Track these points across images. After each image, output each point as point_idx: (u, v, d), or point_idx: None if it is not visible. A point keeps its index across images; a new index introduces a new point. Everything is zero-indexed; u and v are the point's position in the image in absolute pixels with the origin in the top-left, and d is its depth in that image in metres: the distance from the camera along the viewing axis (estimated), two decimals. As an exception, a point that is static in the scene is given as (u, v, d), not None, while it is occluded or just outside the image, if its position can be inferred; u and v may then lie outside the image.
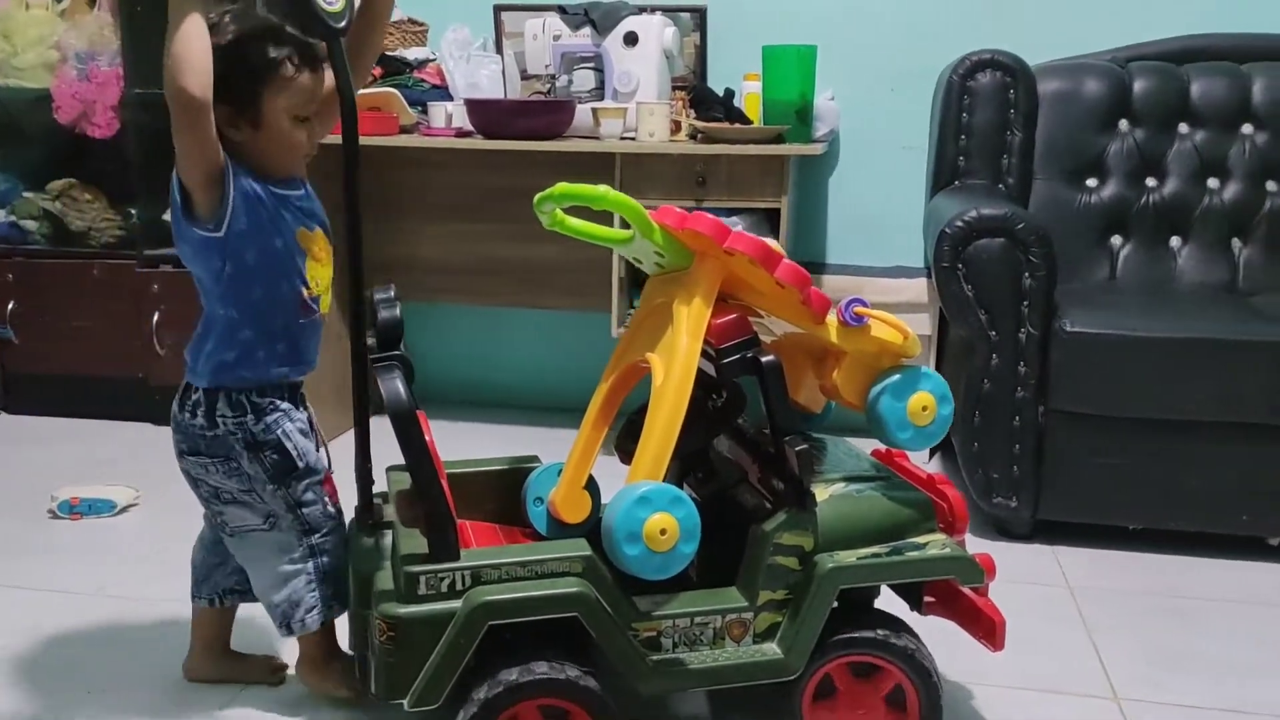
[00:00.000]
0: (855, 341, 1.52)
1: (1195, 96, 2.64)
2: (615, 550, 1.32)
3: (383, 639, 1.32)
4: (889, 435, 1.54)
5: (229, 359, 1.48)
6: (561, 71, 2.83)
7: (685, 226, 1.43)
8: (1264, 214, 2.60)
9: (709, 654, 1.42)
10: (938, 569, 1.48)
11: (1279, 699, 1.70)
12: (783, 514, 1.44)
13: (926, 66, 2.82)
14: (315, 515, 1.54)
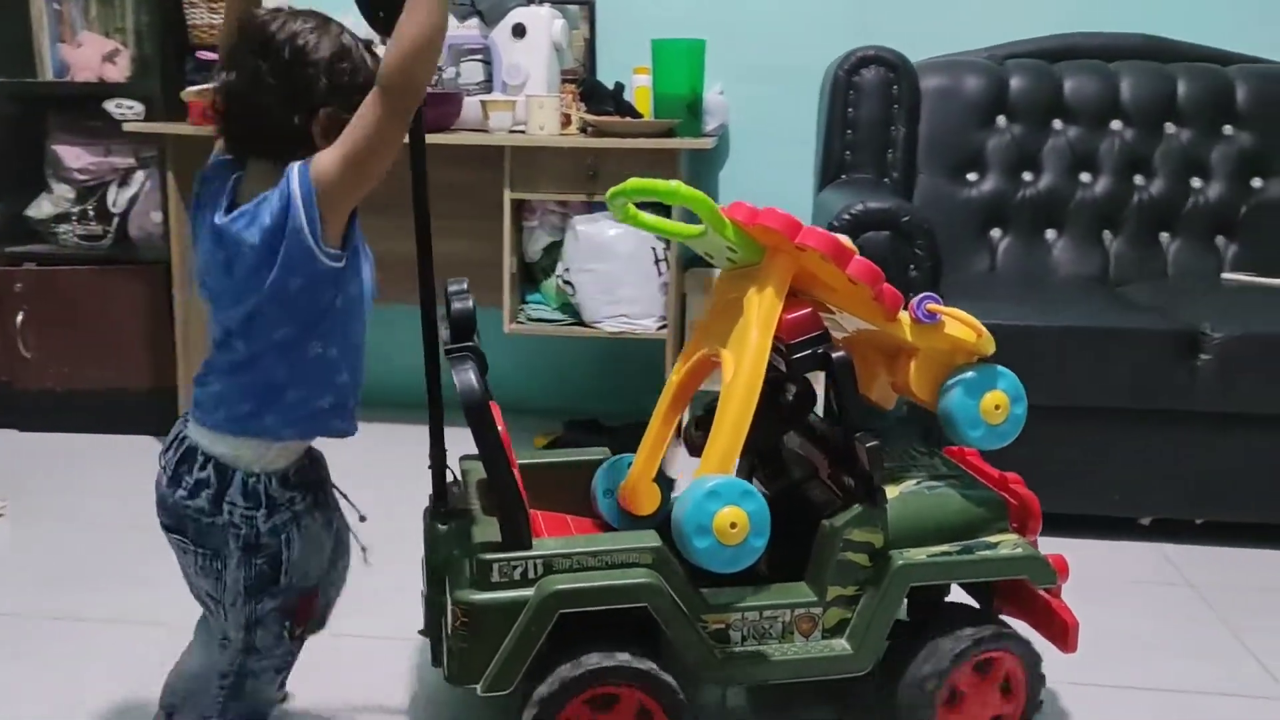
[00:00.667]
0: (928, 339, 1.51)
1: (1068, 93, 2.73)
2: (685, 543, 1.32)
3: (457, 625, 1.32)
4: (960, 433, 1.53)
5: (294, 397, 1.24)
6: (449, 64, 2.78)
7: (756, 222, 1.43)
8: (1132, 207, 2.71)
9: (777, 648, 1.43)
10: (1009, 569, 1.48)
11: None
12: (853, 510, 1.44)
13: (813, 62, 2.86)
14: (265, 640, 1.31)
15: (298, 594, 1.31)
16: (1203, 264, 2.68)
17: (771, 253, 1.47)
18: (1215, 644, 1.88)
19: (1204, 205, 2.70)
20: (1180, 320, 2.21)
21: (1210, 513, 2.27)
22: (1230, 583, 2.10)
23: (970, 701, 1.47)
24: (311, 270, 1.17)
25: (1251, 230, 2.68)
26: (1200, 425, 2.20)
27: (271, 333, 1.20)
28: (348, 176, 1.16)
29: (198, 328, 2.74)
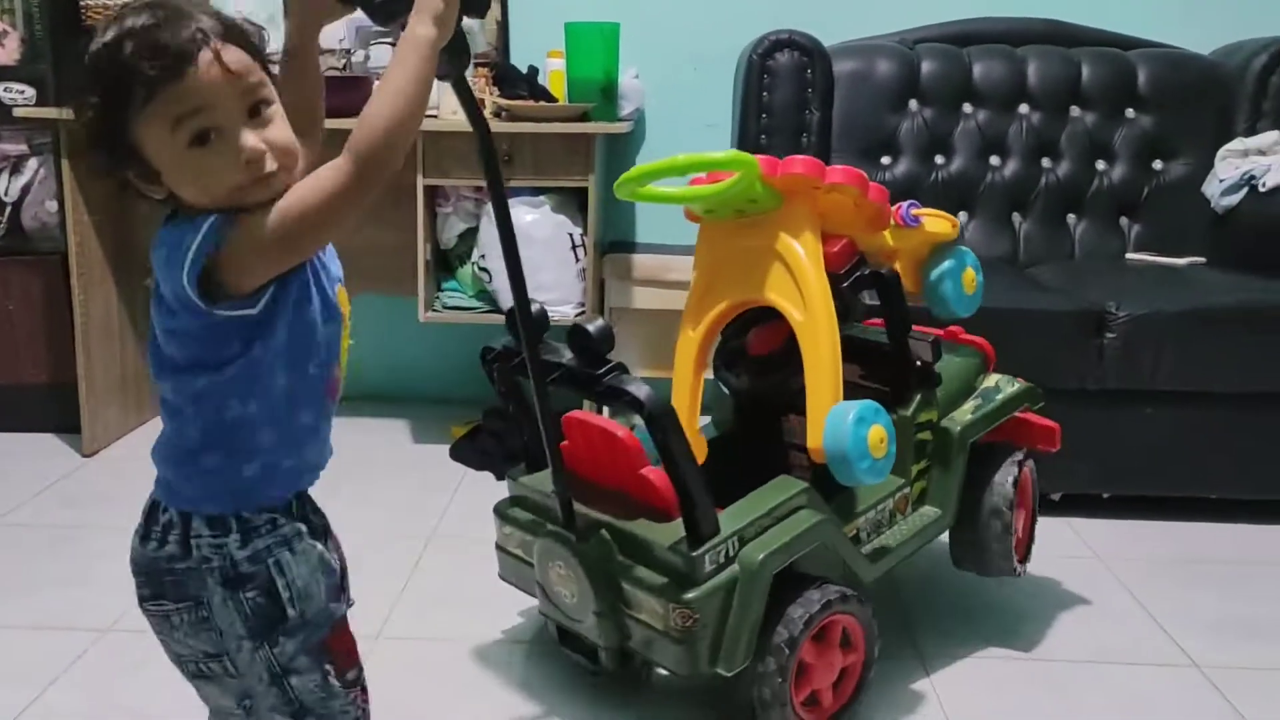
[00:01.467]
0: (906, 239, 1.75)
1: (977, 78, 2.77)
2: (850, 469, 1.43)
3: (686, 624, 1.37)
4: (952, 309, 1.80)
5: (250, 474, 1.02)
6: (357, 46, 2.72)
7: (785, 172, 1.51)
8: (1040, 189, 2.76)
9: (893, 533, 1.64)
10: (1020, 400, 1.79)
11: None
12: (917, 397, 1.67)
13: (727, 46, 2.86)
14: (307, 690, 1.05)
15: (325, 628, 1.06)
16: (1108, 244, 2.75)
17: (792, 198, 1.54)
18: (1123, 615, 1.93)
19: (1108, 187, 2.76)
20: (1086, 300, 2.26)
21: (1116, 487, 2.33)
22: (1136, 555, 2.16)
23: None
24: (204, 321, 0.95)
25: (1154, 211, 2.75)
26: (1106, 403, 2.25)
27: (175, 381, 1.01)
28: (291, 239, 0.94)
29: (97, 321, 2.65)
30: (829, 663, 1.50)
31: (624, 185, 1.57)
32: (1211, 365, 2.22)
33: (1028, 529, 1.86)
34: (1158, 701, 1.66)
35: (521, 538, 1.60)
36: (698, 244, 1.68)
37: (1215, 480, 2.31)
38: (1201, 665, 1.76)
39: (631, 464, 1.46)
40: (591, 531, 1.48)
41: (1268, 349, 2.21)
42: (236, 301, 0.95)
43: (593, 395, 1.44)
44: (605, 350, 1.41)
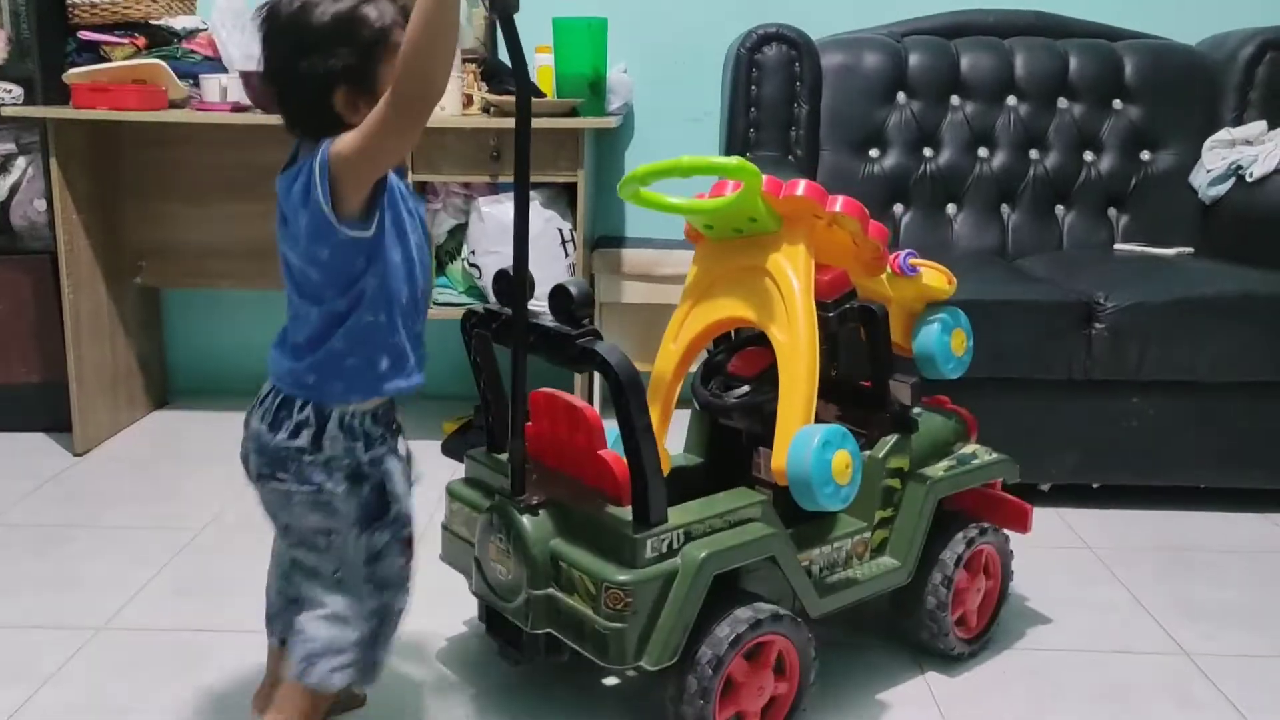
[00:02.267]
0: (902, 289, 1.71)
1: (965, 70, 2.78)
2: (813, 493, 1.41)
3: (618, 608, 1.33)
4: (939, 368, 1.76)
5: (383, 367, 1.29)
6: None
7: (787, 194, 1.51)
8: (1028, 181, 2.77)
9: (846, 574, 1.58)
10: (994, 471, 1.75)
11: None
12: (891, 440, 1.62)
13: (715, 40, 2.86)
14: (389, 573, 1.34)
15: (409, 525, 1.34)
16: (1096, 235, 2.76)
17: (792, 221, 1.54)
18: (1113, 604, 1.94)
19: (1096, 178, 2.77)
20: (1075, 291, 2.27)
21: (1106, 477, 2.35)
22: (1126, 544, 2.17)
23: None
24: (334, 240, 1.21)
25: (1141, 202, 2.76)
26: (1095, 393, 2.26)
27: (322, 302, 1.26)
28: (359, 162, 1.18)
29: (87, 319, 2.64)
30: (759, 685, 1.45)
31: (627, 185, 1.57)
32: (1199, 355, 2.23)
33: (990, 607, 1.77)
34: (1149, 690, 1.67)
35: (467, 515, 1.55)
36: (693, 260, 1.68)
37: (1203, 469, 2.32)
38: (1191, 653, 1.77)
39: (591, 442, 1.43)
40: (538, 506, 1.44)
41: (1255, 338, 2.23)
42: (355, 223, 1.21)
43: (565, 357, 1.40)
44: (583, 314, 1.39)
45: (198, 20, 2.73)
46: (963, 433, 1.78)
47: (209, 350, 3.12)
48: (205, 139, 2.75)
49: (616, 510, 1.40)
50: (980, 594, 1.74)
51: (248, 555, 2.06)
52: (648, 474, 1.36)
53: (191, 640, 1.76)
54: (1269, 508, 2.35)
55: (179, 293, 3.08)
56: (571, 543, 1.41)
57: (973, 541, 1.69)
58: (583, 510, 1.43)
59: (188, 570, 2.01)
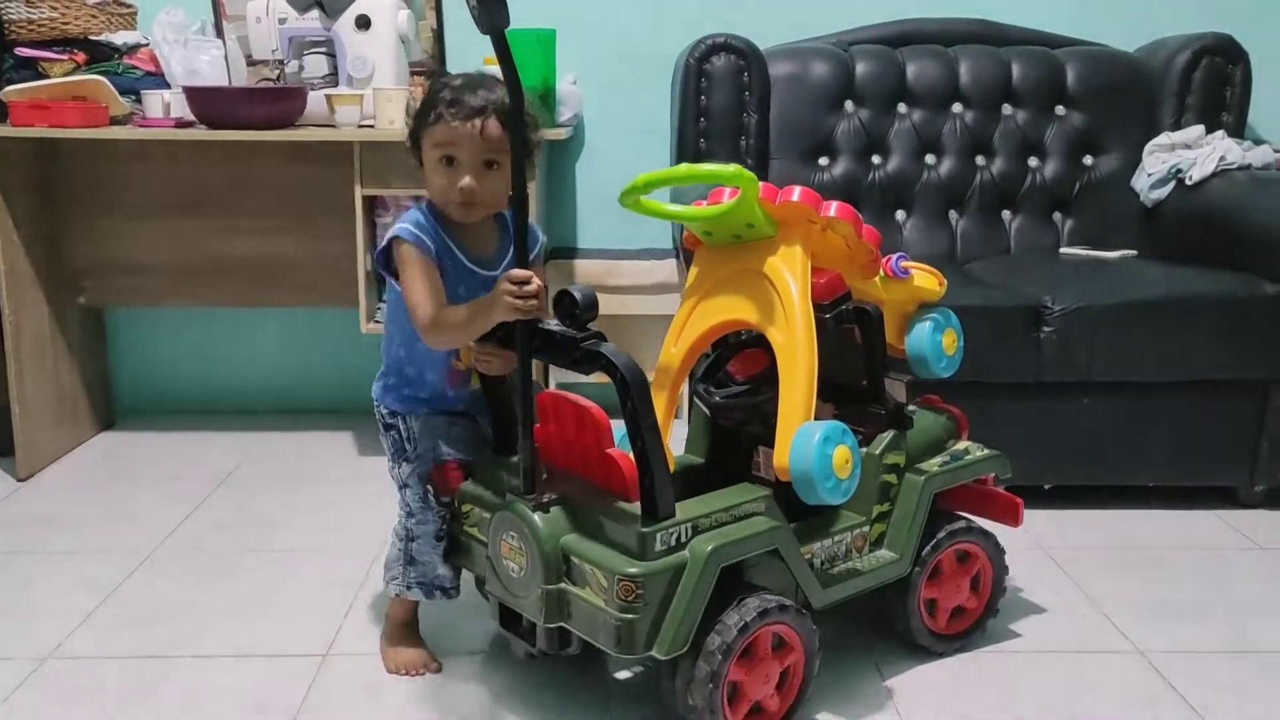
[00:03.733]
0: (894, 291, 1.76)
1: (911, 78, 2.81)
2: (814, 488, 1.45)
3: (629, 599, 1.38)
4: (931, 367, 1.80)
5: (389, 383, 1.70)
6: (290, 57, 2.68)
7: (783, 200, 1.56)
8: (975, 186, 2.80)
9: (847, 566, 1.63)
10: (986, 467, 1.79)
11: (1277, 636, 1.85)
12: (887, 437, 1.67)
13: (664, 50, 2.87)
14: (412, 501, 1.65)
15: (429, 463, 1.64)
16: (1042, 239, 2.80)
17: (788, 227, 1.59)
18: (1067, 604, 1.96)
19: (1041, 183, 2.81)
20: (1023, 295, 2.30)
21: (1057, 478, 2.37)
22: (1078, 544, 2.20)
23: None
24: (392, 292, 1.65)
25: (1085, 205, 2.81)
26: (1045, 395, 2.29)
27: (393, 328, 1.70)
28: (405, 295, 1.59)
29: (30, 341, 2.59)
30: (764, 674, 1.50)
31: (629, 195, 1.60)
32: (1145, 355, 2.27)
33: (981, 606, 1.81)
34: (1103, 688, 1.69)
35: (479, 515, 1.60)
36: (692, 266, 1.72)
37: (1153, 468, 2.36)
38: (1144, 651, 1.80)
39: (599, 441, 1.47)
40: (549, 504, 1.49)
41: (1199, 338, 2.27)
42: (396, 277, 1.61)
43: (571, 359, 1.46)
44: (589, 318, 1.45)
45: (139, 36, 2.69)
46: (955, 430, 1.83)
47: (156, 370, 3.06)
48: (148, 155, 2.71)
49: (625, 506, 1.45)
50: (960, 594, 1.77)
51: (198, 578, 2.04)
52: (655, 470, 1.41)
53: (142, 667, 1.72)
54: (1217, 505, 2.39)
55: (124, 311, 3.02)
56: (582, 538, 1.46)
57: (953, 536, 1.74)
58: (593, 507, 1.48)
59: (137, 595, 1.97)
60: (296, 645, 1.79)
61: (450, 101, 1.54)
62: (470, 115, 1.53)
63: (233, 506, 2.40)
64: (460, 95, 1.55)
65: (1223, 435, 2.34)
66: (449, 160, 1.55)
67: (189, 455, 2.72)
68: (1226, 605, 1.96)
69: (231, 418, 2.99)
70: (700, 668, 1.43)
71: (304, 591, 1.99)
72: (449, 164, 1.56)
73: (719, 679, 1.43)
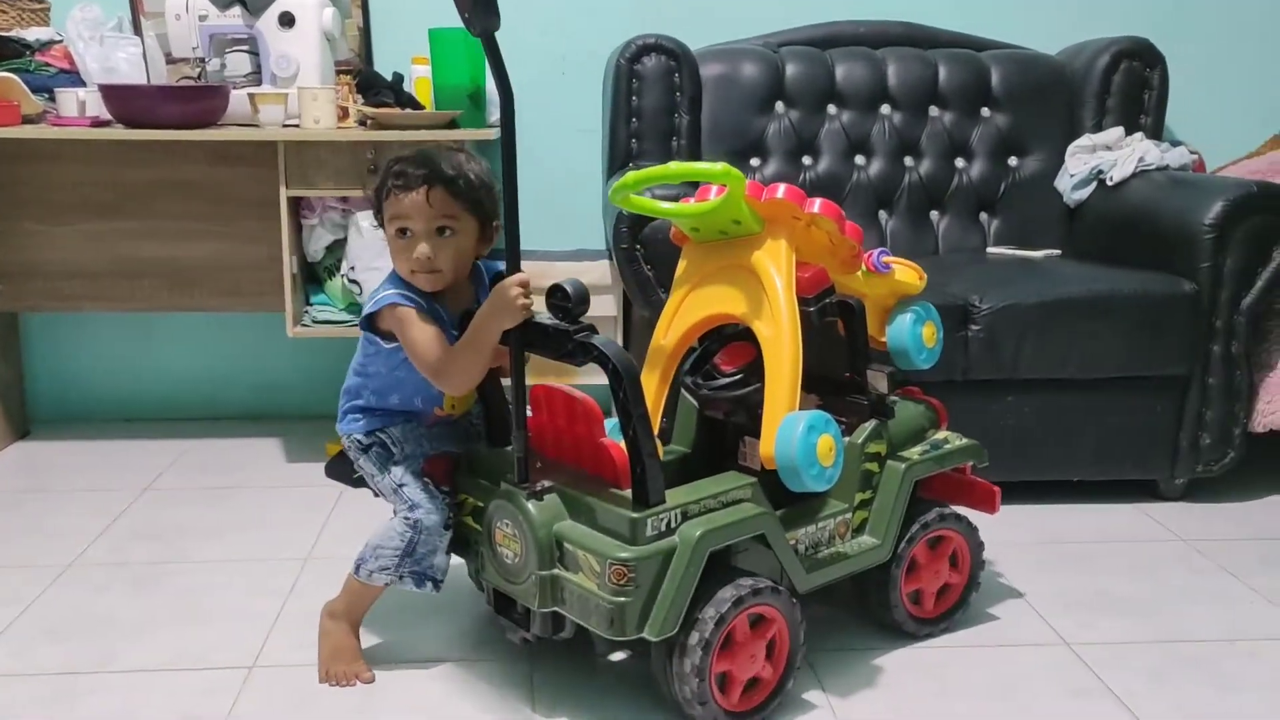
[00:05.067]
0: (876, 285, 1.81)
1: (840, 80, 2.83)
2: (800, 475, 1.50)
3: (621, 583, 1.42)
4: (912, 359, 1.85)
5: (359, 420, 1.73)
6: (211, 55, 2.62)
7: (766, 197, 1.60)
8: (904, 187, 2.84)
9: (831, 552, 1.68)
10: (965, 455, 1.85)
11: (1200, 626, 1.89)
12: (869, 426, 1.72)
13: (594, 50, 2.86)
14: (414, 495, 1.66)
15: (420, 458, 1.69)
16: (969, 239, 2.84)
17: (774, 223, 1.63)
18: (995, 598, 1.99)
19: (968, 184, 2.86)
20: (951, 294, 2.33)
21: (985, 474, 2.39)
22: (1006, 539, 2.22)
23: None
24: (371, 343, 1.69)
25: (1010, 206, 2.86)
26: (974, 393, 2.32)
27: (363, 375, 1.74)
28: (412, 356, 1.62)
29: (-61, 348, 2.50)
30: (749, 654, 1.55)
31: (619, 192, 1.66)
32: (1069, 353, 2.31)
33: (958, 591, 1.87)
34: (1032, 679, 1.72)
35: (474, 505, 1.65)
36: (680, 262, 1.76)
37: (1076, 463, 2.41)
38: (1071, 643, 1.83)
39: (591, 431, 1.53)
40: (543, 492, 1.52)
41: (1120, 335, 2.32)
42: (384, 339, 1.66)
43: (564, 352, 1.49)
44: (580, 311, 1.49)
45: (52, 32, 2.61)
46: (934, 420, 1.88)
47: (74, 376, 2.97)
48: (64, 155, 2.64)
49: (617, 493, 1.50)
50: (940, 577, 1.83)
51: (118, 591, 1.98)
52: (645, 458, 1.45)
53: (63, 683, 1.67)
54: (1140, 498, 2.45)
55: (39, 316, 2.93)
56: (575, 525, 1.51)
57: (929, 525, 1.79)
58: (585, 494, 1.52)
59: (54, 610, 1.91)
60: (222, 657, 1.75)
61: (396, 174, 1.61)
62: (414, 184, 1.59)
63: (154, 517, 2.33)
64: (405, 169, 1.61)
65: (1144, 430, 2.39)
66: (403, 232, 1.61)
67: (108, 465, 2.64)
68: (1151, 597, 2.01)
69: (153, 425, 2.92)
70: (684, 663, 1.48)
71: (230, 602, 1.94)
72: (403, 235, 1.61)
73: (704, 672, 1.48)
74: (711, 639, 1.48)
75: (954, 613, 1.87)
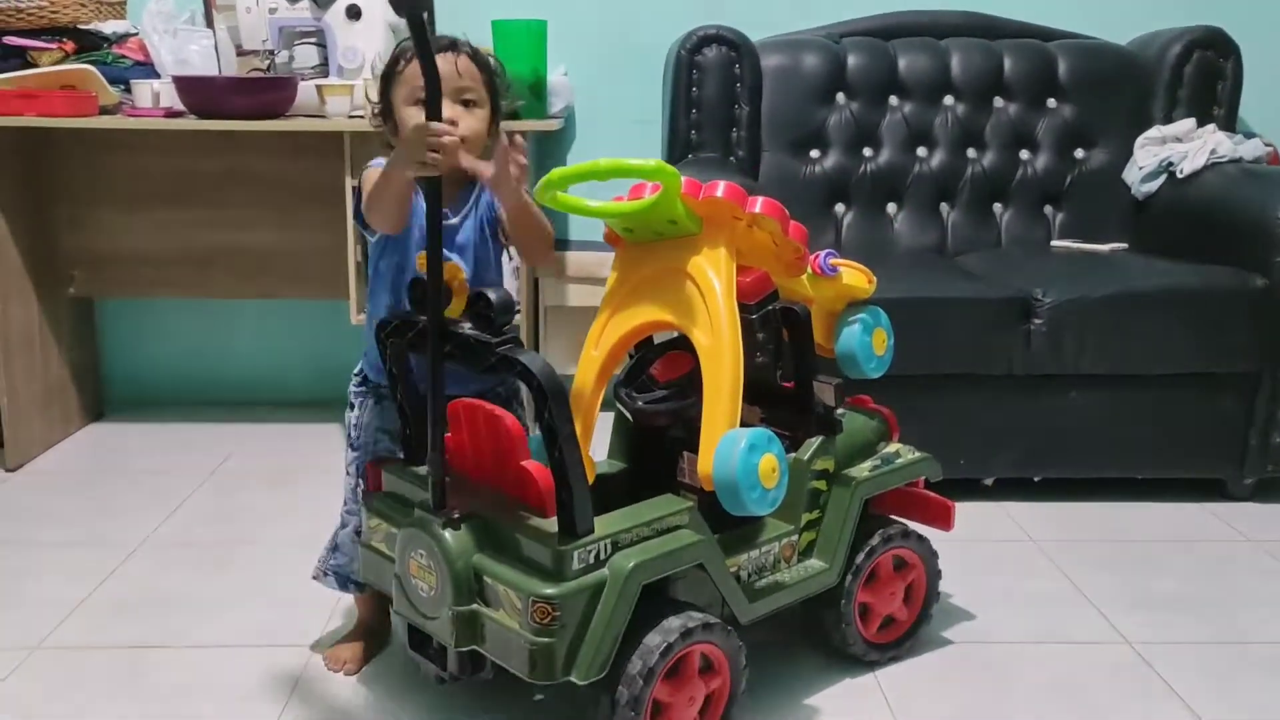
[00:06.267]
0: (823, 289, 1.72)
1: (902, 70, 2.80)
2: (739, 497, 1.37)
3: (545, 622, 1.30)
4: (861, 368, 1.75)
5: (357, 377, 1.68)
6: (281, 47, 2.67)
7: (706, 196, 1.49)
8: (967, 179, 2.80)
9: (775, 578, 1.57)
10: (918, 470, 1.74)
11: (1268, 628, 1.86)
12: (816, 442, 1.62)
13: (655, 42, 2.86)
14: (346, 489, 1.67)
15: (368, 455, 1.63)
16: (1033, 232, 2.80)
17: (712, 223, 1.51)
18: (1057, 596, 1.97)
19: (1032, 176, 2.81)
20: (1013, 287, 2.30)
21: (1047, 471, 2.38)
22: (1068, 537, 2.21)
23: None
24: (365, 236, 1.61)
25: (1076, 198, 2.81)
26: (1035, 388, 2.30)
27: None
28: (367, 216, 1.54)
29: (19, 332, 2.58)
30: (689, 696, 1.43)
31: (546, 189, 1.51)
32: (1135, 348, 2.27)
33: (912, 618, 1.76)
34: (1094, 679, 1.70)
35: (387, 531, 1.50)
36: (614, 265, 1.62)
37: (1142, 461, 2.37)
38: (1133, 642, 1.80)
39: (514, 452, 1.39)
40: (460, 520, 1.39)
41: (1188, 331, 2.27)
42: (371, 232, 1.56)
43: (485, 365, 1.36)
44: (504, 321, 1.36)
45: (128, 25, 2.68)
46: (885, 432, 1.77)
47: (145, 361, 3.05)
48: (137, 145, 2.70)
49: (541, 521, 1.36)
50: (897, 597, 1.73)
51: (186, 570, 2.03)
52: (573, 483, 1.32)
53: (131, 658, 1.72)
54: (1206, 497, 2.40)
55: (113, 303, 3.01)
56: (495, 556, 1.37)
57: (884, 544, 1.68)
58: (506, 523, 1.39)
59: (125, 586, 1.97)
60: (286, 636, 1.79)
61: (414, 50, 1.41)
62: (442, 49, 1.48)
63: (221, 499, 2.39)
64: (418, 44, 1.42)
65: (1212, 428, 2.34)
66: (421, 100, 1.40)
67: (178, 447, 2.71)
68: (1215, 597, 1.97)
69: (220, 409, 2.98)
70: (620, 694, 1.35)
71: (292, 583, 1.98)
72: (421, 104, 1.40)
73: (640, 705, 1.36)
74: (642, 695, 1.35)
75: (903, 643, 1.75)
